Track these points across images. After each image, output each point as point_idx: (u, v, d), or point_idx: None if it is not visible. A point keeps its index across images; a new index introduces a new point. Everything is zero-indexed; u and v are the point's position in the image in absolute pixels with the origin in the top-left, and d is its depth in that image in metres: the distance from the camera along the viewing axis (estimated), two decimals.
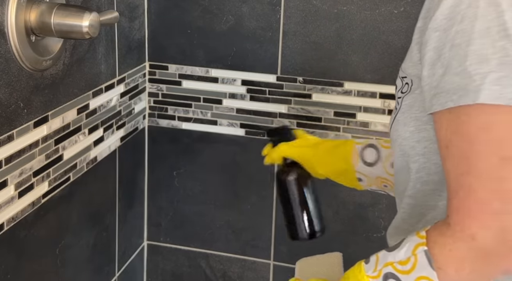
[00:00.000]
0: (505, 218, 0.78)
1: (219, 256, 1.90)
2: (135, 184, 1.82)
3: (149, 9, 1.75)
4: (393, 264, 0.87)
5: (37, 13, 1.19)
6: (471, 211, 0.79)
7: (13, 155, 1.23)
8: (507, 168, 0.77)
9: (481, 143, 0.78)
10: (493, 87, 0.77)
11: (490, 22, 0.78)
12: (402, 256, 0.86)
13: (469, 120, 0.79)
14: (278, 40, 1.69)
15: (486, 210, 0.78)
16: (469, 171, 0.79)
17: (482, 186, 0.78)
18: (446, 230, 0.82)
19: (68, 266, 1.49)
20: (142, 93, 1.78)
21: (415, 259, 0.84)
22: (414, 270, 0.84)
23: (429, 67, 0.83)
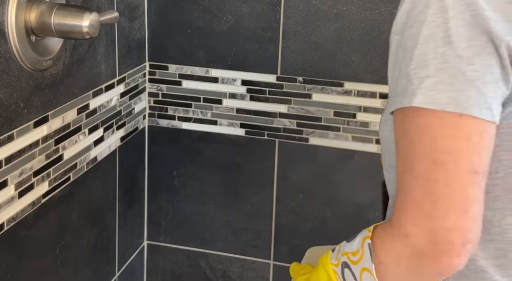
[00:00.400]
0: (435, 221, 0.80)
1: (219, 256, 1.90)
2: (135, 184, 1.82)
3: (149, 9, 1.75)
4: (348, 254, 0.92)
5: (37, 13, 1.19)
6: (407, 210, 0.82)
7: (13, 155, 1.23)
8: (438, 171, 0.79)
9: (417, 145, 0.81)
10: (428, 92, 0.79)
11: (435, 28, 0.79)
12: (354, 247, 0.91)
13: (408, 122, 0.82)
14: (278, 40, 1.69)
15: (419, 210, 0.80)
16: (408, 171, 0.82)
17: (418, 187, 0.81)
18: (388, 227, 0.86)
19: (68, 266, 1.49)
20: (142, 93, 1.78)
21: (362, 251, 0.89)
22: (360, 261, 0.89)
23: (391, 70, 0.86)
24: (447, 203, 0.79)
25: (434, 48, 0.79)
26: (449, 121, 0.79)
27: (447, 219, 0.79)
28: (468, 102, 0.78)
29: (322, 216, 1.79)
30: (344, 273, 0.93)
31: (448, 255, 0.80)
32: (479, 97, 0.78)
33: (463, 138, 0.79)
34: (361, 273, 0.90)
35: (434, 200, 0.80)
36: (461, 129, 0.79)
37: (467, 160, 0.79)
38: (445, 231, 0.80)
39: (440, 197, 0.79)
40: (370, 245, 0.88)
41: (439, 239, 0.80)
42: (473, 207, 0.80)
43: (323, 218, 1.79)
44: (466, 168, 0.79)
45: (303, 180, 1.77)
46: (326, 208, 1.78)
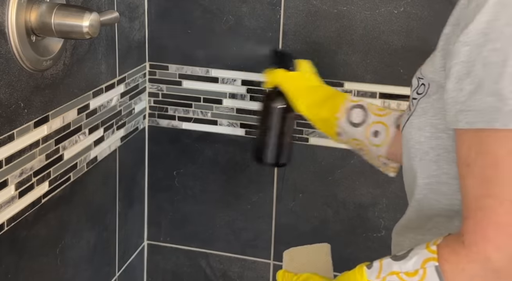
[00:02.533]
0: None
1: (219, 256, 1.90)
2: (135, 184, 1.82)
3: (149, 9, 1.75)
4: (399, 274, 0.86)
5: (38, 13, 1.19)
6: (489, 233, 0.79)
7: (13, 155, 1.23)
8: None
9: (504, 168, 0.77)
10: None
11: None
12: (410, 267, 0.85)
13: (497, 144, 0.77)
14: (278, 40, 1.69)
15: (504, 233, 0.78)
16: (490, 194, 0.78)
17: (503, 211, 0.78)
18: (460, 249, 0.82)
19: (68, 266, 1.49)
20: (142, 93, 1.78)
21: (424, 272, 0.84)
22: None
23: (455, 81, 0.80)
24: None
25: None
26: None
27: None
28: None
29: (322, 216, 1.79)
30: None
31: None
32: None
33: None
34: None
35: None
36: None
37: None
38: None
39: None
40: (438, 267, 0.83)
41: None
42: None
43: (323, 218, 1.79)
44: None
45: (303, 180, 1.77)
46: (326, 208, 1.78)
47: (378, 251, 1.80)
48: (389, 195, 1.73)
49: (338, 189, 1.76)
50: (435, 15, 1.57)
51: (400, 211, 1.73)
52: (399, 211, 1.72)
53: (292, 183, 1.78)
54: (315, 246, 1.20)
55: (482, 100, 0.77)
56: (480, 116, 0.77)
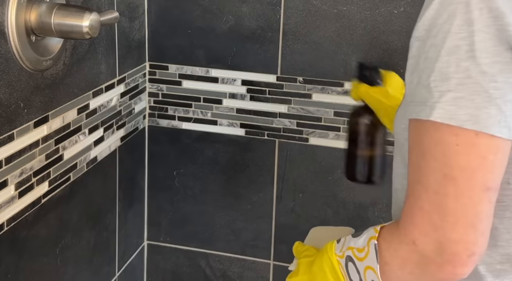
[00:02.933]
0: (442, 233, 0.81)
1: (219, 256, 1.90)
2: (135, 184, 1.82)
3: (149, 9, 1.75)
4: (353, 249, 0.94)
5: (37, 13, 1.19)
6: (415, 218, 0.83)
7: (13, 155, 1.23)
8: (448, 186, 0.80)
9: (429, 158, 0.81)
10: (447, 107, 0.78)
11: (460, 40, 0.78)
12: (360, 244, 0.93)
13: (424, 134, 0.81)
14: (278, 40, 1.69)
15: (427, 220, 0.82)
16: (418, 181, 0.83)
17: (427, 198, 0.81)
18: (395, 230, 0.87)
19: (68, 266, 1.49)
20: (142, 93, 1.78)
21: (368, 249, 0.91)
22: (365, 259, 0.91)
23: (409, 74, 0.84)
24: (456, 217, 0.80)
25: (457, 62, 0.78)
26: (465, 138, 0.78)
27: (455, 232, 0.80)
28: (488, 120, 0.77)
29: (322, 216, 1.79)
30: (348, 266, 0.95)
31: (453, 265, 0.82)
32: (499, 115, 0.77)
33: (478, 156, 0.78)
34: (365, 270, 0.92)
35: (442, 213, 0.81)
36: (477, 147, 0.78)
37: (480, 178, 0.79)
38: (452, 244, 0.81)
39: (449, 211, 0.80)
40: (376, 245, 0.90)
41: (445, 250, 0.81)
42: (483, 222, 0.81)
43: (323, 218, 1.79)
44: (478, 185, 0.79)
45: (303, 180, 1.77)
46: (326, 208, 1.78)
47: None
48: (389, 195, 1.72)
49: (338, 189, 1.76)
50: None
51: None
52: None
53: (292, 183, 1.78)
54: (339, 229, 1.24)
55: (419, 92, 0.81)
56: (415, 107, 0.82)
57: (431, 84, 0.79)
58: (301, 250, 1.14)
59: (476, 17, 0.77)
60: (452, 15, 0.78)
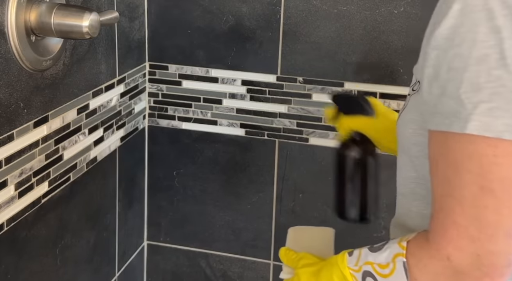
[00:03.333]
0: (480, 245, 0.80)
1: (219, 256, 1.90)
2: (135, 184, 1.82)
3: (149, 9, 1.75)
4: (373, 265, 0.91)
5: (37, 13, 1.19)
6: (449, 233, 0.81)
7: (13, 155, 1.23)
8: (486, 198, 0.78)
9: (463, 171, 0.79)
10: (483, 118, 0.76)
11: (489, 49, 0.76)
12: (382, 260, 0.90)
13: (455, 147, 0.79)
14: (278, 40, 1.69)
15: (463, 234, 0.80)
16: (450, 194, 0.81)
17: (461, 211, 0.80)
18: (425, 245, 0.85)
19: (68, 266, 1.49)
20: (142, 93, 1.78)
21: (393, 266, 0.88)
22: (391, 276, 0.88)
23: (427, 84, 0.83)
24: (496, 229, 0.79)
25: (488, 71, 0.76)
26: (503, 149, 0.77)
27: (494, 244, 0.80)
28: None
29: (322, 216, 1.78)
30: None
31: (491, 277, 0.81)
32: None
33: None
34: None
35: (480, 225, 0.79)
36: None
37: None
38: (491, 255, 0.80)
39: (488, 224, 0.79)
40: (405, 263, 0.87)
41: (483, 262, 0.80)
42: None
43: (323, 218, 1.79)
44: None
45: (303, 180, 1.77)
46: (326, 208, 1.78)
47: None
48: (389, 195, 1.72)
49: None
50: None
51: None
52: None
53: (292, 183, 1.78)
54: (320, 229, 1.22)
55: (446, 103, 0.79)
56: (443, 119, 0.80)
57: (462, 96, 0.77)
58: (295, 258, 1.12)
59: (502, 24, 0.75)
60: (475, 24, 0.76)
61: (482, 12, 0.76)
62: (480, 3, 0.76)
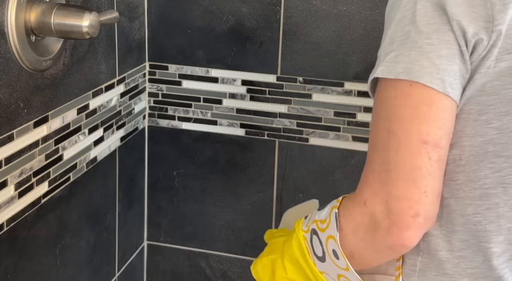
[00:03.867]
0: (388, 189, 0.84)
1: (219, 256, 1.90)
2: (135, 184, 1.82)
3: (149, 9, 1.75)
4: (317, 222, 0.97)
5: (37, 13, 1.19)
6: (368, 179, 0.87)
7: (13, 155, 1.23)
8: (392, 141, 0.84)
9: (377, 116, 0.88)
10: (388, 64, 0.86)
11: (406, 11, 0.86)
12: (322, 215, 0.97)
13: (376, 96, 0.89)
14: (278, 40, 1.69)
15: (376, 179, 0.85)
16: (370, 142, 0.88)
17: (376, 157, 0.86)
18: (352, 196, 0.92)
19: (68, 266, 1.49)
20: (142, 93, 1.78)
21: (329, 219, 0.94)
22: (327, 229, 0.94)
23: None
24: (397, 171, 0.83)
25: (402, 28, 0.86)
26: (401, 90, 0.84)
27: (397, 188, 0.83)
28: (420, 71, 0.83)
29: None
30: (312, 239, 0.98)
31: (398, 226, 0.84)
32: (431, 67, 0.83)
33: (411, 106, 0.83)
34: (326, 240, 0.94)
35: (387, 168, 0.84)
36: (410, 97, 0.84)
37: (415, 129, 0.83)
38: (395, 200, 0.83)
39: (392, 166, 0.84)
40: (336, 214, 0.92)
41: (390, 208, 0.83)
42: (424, 179, 0.83)
43: None
44: (414, 137, 0.83)
45: (303, 180, 1.77)
46: None
47: None
48: None
49: (338, 189, 1.76)
50: None
51: None
52: None
53: (292, 183, 1.78)
54: (305, 204, 1.26)
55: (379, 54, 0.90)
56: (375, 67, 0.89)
57: (381, 50, 0.88)
58: (273, 232, 1.17)
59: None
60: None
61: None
62: None
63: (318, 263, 0.97)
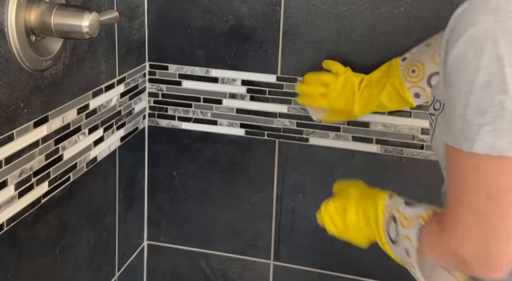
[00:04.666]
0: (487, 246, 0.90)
1: (219, 256, 1.90)
2: (135, 184, 1.82)
3: (149, 9, 1.75)
4: (401, 213, 1.07)
5: (37, 13, 1.19)
6: (457, 232, 0.93)
7: (13, 155, 1.23)
8: (490, 204, 0.88)
9: (470, 181, 0.90)
10: (487, 139, 0.85)
11: (491, 75, 0.83)
12: (408, 214, 1.06)
13: (464, 161, 0.90)
14: (278, 40, 1.69)
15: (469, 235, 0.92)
16: (459, 199, 0.92)
17: (468, 215, 0.91)
18: (441, 231, 0.97)
19: (68, 266, 1.49)
20: (142, 93, 1.78)
21: (413, 224, 1.03)
22: (408, 229, 1.04)
23: (446, 103, 0.94)
24: (498, 231, 0.89)
25: (491, 96, 0.84)
26: (507, 164, 0.86)
27: (496, 245, 0.90)
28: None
29: None
30: (389, 223, 1.10)
31: (492, 271, 0.92)
32: None
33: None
34: (404, 237, 1.05)
35: (484, 228, 0.90)
36: None
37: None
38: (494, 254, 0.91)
39: (491, 227, 0.89)
40: (421, 228, 1.02)
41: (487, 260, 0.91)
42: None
43: None
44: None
45: (303, 180, 1.77)
46: None
47: (378, 251, 1.80)
48: None
49: None
50: (435, 15, 1.57)
51: None
52: None
53: (292, 183, 1.78)
54: None
55: (455, 121, 0.89)
56: (452, 135, 0.90)
57: (468, 117, 0.86)
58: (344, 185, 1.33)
59: (505, 52, 0.83)
60: (481, 51, 0.84)
61: (486, 42, 0.84)
62: (484, 33, 0.84)
63: (388, 239, 1.13)
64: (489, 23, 0.84)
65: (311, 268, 1.83)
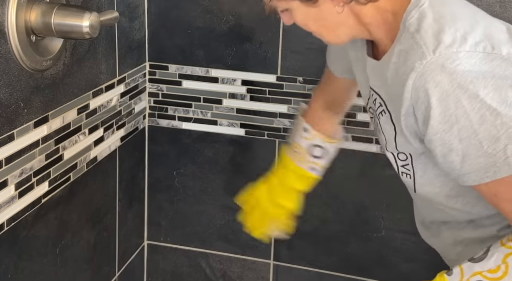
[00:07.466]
0: None
1: (219, 256, 1.90)
2: (135, 184, 1.82)
3: (149, 9, 1.75)
4: (482, 273, 1.01)
5: (38, 13, 1.19)
6: None
7: (13, 155, 1.23)
8: None
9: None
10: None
11: (479, 111, 0.92)
12: (491, 265, 1.01)
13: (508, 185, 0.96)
14: (278, 40, 1.69)
15: None
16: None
17: None
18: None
19: (68, 266, 1.49)
20: (142, 93, 1.78)
21: (506, 266, 1.00)
22: (506, 276, 0.99)
23: (442, 158, 0.98)
24: None
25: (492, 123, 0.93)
26: None
27: None
28: None
29: (322, 216, 1.79)
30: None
31: None
32: None
33: None
34: None
35: None
36: None
37: None
38: None
39: None
40: None
41: None
42: None
43: (323, 218, 1.79)
44: None
45: None
46: (326, 208, 1.78)
47: (378, 251, 1.80)
48: (389, 195, 1.73)
49: (338, 189, 1.76)
50: None
51: (400, 210, 1.73)
52: (399, 211, 1.72)
53: None
54: None
55: (475, 162, 0.95)
56: (482, 174, 0.96)
57: (489, 150, 0.94)
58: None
59: (474, 89, 0.92)
60: (458, 100, 0.92)
61: (455, 91, 0.92)
62: (450, 86, 0.92)
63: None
64: (447, 79, 0.92)
65: (311, 268, 1.83)
